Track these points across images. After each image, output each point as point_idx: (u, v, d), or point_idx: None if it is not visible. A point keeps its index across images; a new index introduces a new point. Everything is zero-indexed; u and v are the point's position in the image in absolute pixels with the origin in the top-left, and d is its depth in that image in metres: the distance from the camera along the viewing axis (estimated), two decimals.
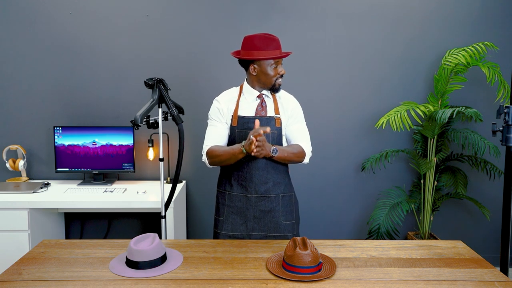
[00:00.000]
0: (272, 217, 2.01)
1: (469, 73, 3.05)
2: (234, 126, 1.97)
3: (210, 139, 2.00)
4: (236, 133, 1.97)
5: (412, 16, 3.13)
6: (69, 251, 1.75)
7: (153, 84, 2.19)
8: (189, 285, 1.47)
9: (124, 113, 3.17)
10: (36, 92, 3.16)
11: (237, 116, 1.97)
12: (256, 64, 1.94)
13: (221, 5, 3.10)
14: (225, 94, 2.06)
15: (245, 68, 2.01)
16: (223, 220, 2.03)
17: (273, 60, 1.92)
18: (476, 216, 3.32)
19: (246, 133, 1.94)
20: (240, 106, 2.00)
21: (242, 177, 1.99)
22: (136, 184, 3.11)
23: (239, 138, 1.96)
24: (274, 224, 2.01)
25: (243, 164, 1.97)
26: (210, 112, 2.04)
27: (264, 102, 2.01)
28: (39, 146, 3.20)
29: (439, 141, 3.11)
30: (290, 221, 2.05)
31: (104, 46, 3.13)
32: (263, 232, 2.01)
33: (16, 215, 2.68)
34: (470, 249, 1.81)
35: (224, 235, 2.02)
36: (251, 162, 1.96)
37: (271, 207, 2.00)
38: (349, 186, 3.31)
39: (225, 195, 2.05)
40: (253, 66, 1.95)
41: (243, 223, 2.01)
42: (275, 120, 1.98)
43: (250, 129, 1.94)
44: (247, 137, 1.89)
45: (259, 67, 1.94)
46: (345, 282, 1.50)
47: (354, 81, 3.20)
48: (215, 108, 2.02)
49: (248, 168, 1.97)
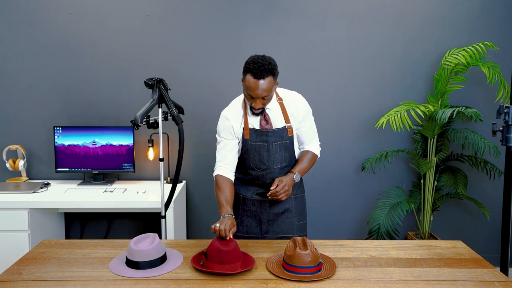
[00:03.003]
0: (285, 218, 2.02)
1: (469, 73, 3.05)
2: (247, 139, 1.92)
3: (221, 156, 1.93)
4: (249, 145, 1.93)
5: (412, 16, 3.13)
6: (69, 251, 1.75)
7: (153, 84, 2.19)
8: (189, 285, 1.47)
9: (124, 113, 3.17)
10: (36, 92, 3.16)
11: (248, 129, 1.91)
12: (243, 81, 1.82)
13: (221, 5, 3.10)
14: (233, 110, 1.95)
15: None
16: (238, 223, 2.03)
17: None
18: (476, 216, 3.32)
19: (259, 145, 1.91)
20: (249, 119, 1.93)
21: (257, 183, 2.00)
22: (136, 184, 3.11)
23: (253, 149, 1.93)
24: (288, 225, 2.02)
25: (258, 170, 1.97)
26: (219, 128, 1.95)
27: (266, 115, 1.92)
28: (39, 146, 3.20)
29: (439, 141, 3.11)
30: (302, 221, 2.07)
31: (104, 46, 3.13)
32: (278, 233, 2.02)
33: (16, 215, 2.68)
34: (470, 249, 1.81)
35: (238, 236, 2.02)
36: (266, 170, 1.96)
37: (284, 209, 2.01)
38: (349, 186, 3.31)
39: (239, 198, 2.04)
40: (242, 79, 1.83)
41: (257, 225, 2.02)
42: (287, 130, 1.94)
43: (263, 141, 1.91)
44: (261, 147, 1.91)
45: (243, 86, 1.82)
46: (345, 282, 1.50)
47: (354, 81, 3.20)
48: (224, 126, 1.93)
49: (263, 174, 1.97)
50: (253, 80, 1.73)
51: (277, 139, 1.92)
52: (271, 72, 1.75)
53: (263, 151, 1.92)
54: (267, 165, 1.94)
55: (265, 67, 1.72)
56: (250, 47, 3.11)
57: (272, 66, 1.76)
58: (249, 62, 1.75)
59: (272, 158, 1.93)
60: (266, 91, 1.75)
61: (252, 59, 1.76)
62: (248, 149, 1.94)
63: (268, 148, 1.91)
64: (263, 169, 1.95)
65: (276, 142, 1.91)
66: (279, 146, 1.93)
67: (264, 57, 1.77)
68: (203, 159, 3.24)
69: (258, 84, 1.73)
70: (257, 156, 1.93)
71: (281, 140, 1.92)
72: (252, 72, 1.72)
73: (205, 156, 3.23)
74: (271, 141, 1.91)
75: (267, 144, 1.91)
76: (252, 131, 1.91)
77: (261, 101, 1.78)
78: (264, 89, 1.74)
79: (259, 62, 1.73)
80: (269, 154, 1.92)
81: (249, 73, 1.74)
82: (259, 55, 1.78)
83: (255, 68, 1.72)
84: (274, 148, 1.92)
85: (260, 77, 1.72)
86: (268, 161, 1.93)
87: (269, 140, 1.91)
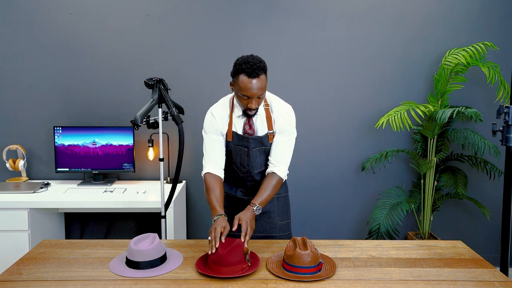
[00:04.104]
0: (268, 218, 2.01)
1: (469, 73, 3.05)
2: (230, 141, 1.93)
3: (209, 154, 1.92)
4: (232, 147, 1.94)
5: (412, 16, 3.13)
6: (69, 251, 1.75)
7: (153, 84, 2.19)
8: (189, 285, 1.47)
9: (124, 113, 3.17)
10: (36, 92, 3.16)
11: (231, 132, 1.92)
12: (234, 84, 1.79)
13: (221, 5, 3.10)
14: (219, 108, 1.94)
15: None
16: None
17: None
18: (476, 216, 3.32)
19: (240, 149, 1.92)
20: (234, 121, 1.92)
21: (240, 182, 2.01)
22: (136, 184, 3.11)
23: (235, 151, 1.94)
24: (270, 224, 2.02)
25: (239, 172, 1.98)
26: (205, 124, 1.94)
27: (251, 120, 1.90)
28: (39, 146, 3.20)
29: (439, 141, 3.11)
30: (285, 221, 2.06)
31: (104, 46, 3.13)
32: (259, 232, 2.02)
33: (16, 215, 2.68)
34: (470, 249, 1.81)
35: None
36: (246, 173, 1.97)
37: (266, 209, 2.01)
38: (349, 186, 3.31)
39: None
40: (232, 83, 1.81)
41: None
42: (269, 137, 1.92)
43: (244, 146, 1.91)
44: (242, 151, 1.91)
45: (235, 88, 1.79)
46: (345, 282, 1.50)
47: (354, 81, 3.20)
48: (209, 122, 1.93)
49: (244, 176, 1.98)
50: (248, 79, 1.72)
51: (257, 145, 1.92)
52: (264, 70, 1.76)
53: (243, 155, 1.93)
54: (247, 168, 1.96)
55: (258, 65, 1.72)
56: (250, 47, 3.11)
57: (264, 64, 1.76)
58: (240, 63, 1.74)
59: (252, 162, 1.94)
60: (261, 89, 1.75)
61: (242, 59, 1.76)
62: (230, 150, 1.95)
63: (249, 153, 1.92)
64: (244, 171, 1.97)
65: (256, 148, 1.92)
66: (259, 151, 1.93)
67: (253, 56, 1.77)
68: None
69: (254, 82, 1.72)
70: (239, 159, 1.95)
71: (261, 146, 1.93)
72: (245, 72, 1.72)
73: None
74: (251, 146, 1.91)
75: (247, 149, 1.92)
76: (235, 134, 1.92)
77: (257, 100, 1.78)
78: (259, 87, 1.74)
79: (251, 61, 1.72)
80: (249, 159, 1.93)
81: (243, 73, 1.73)
82: (247, 55, 1.78)
83: (248, 67, 1.71)
84: (254, 154, 1.93)
85: (254, 75, 1.72)
86: (248, 165, 1.95)
87: (249, 146, 1.91)
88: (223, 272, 1.51)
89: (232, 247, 1.55)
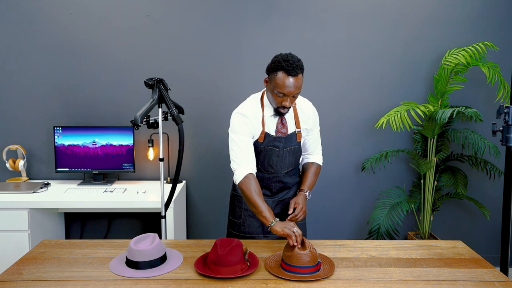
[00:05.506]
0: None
1: (469, 73, 3.05)
2: (260, 142, 1.91)
3: (245, 155, 1.84)
4: (261, 148, 1.92)
5: (412, 16, 3.13)
6: (69, 251, 1.75)
7: (153, 84, 2.19)
8: (189, 285, 1.47)
9: (124, 113, 3.17)
10: (36, 92, 3.16)
11: (264, 132, 1.90)
12: (269, 80, 1.81)
13: (221, 5, 3.10)
14: (250, 109, 1.89)
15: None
16: (240, 223, 2.04)
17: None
18: (476, 216, 3.32)
19: (270, 149, 1.92)
20: (266, 121, 1.90)
21: (266, 183, 2.01)
22: (136, 184, 3.11)
23: (264, 152, 1.93)
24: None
25: (265, 173, 1.98)
26: (236, 125, 1.87)
27: (284, 119, 1.91)
28: (39, 146, 3.20)
29: (439, 141, 3.11)
30: (303, 221, 2.09)
31: (104, 46, 3.13)
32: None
33: (16, 215, 2.68)
34: (470, 249, 1.81)
35: (241, 236, 2.03)
36: (273, 173, 1.97)
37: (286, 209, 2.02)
38: (349, 186, 3.31)
39: (241, 199, 2.04)
40: (267, 79, 1.83)
41: (260, 225, 2.02)
42: (297, 135, 1.95)
43: (275, 146, 1.91)
44: (272, 151, 1.91)
45: (270, 85, 1.80)
46: (345, 282, 1.50)
47: (354, 81, 3.20)
48: (243, 124, 1.86)
49: (270, 177, 1.99)
50: (286, 77, 1.73)
51: (288, 145, 1.93)
52: (302, 70, 1.77)
53: (273, 155, 1.93)
54: (275, 169, 1.96)
55: (297, 64, 1.74)
56: (250, 47, 3.11)
57: (302, 63, 1.78)
58: (280, 61, 1.74)
59: (281, 163, 1.95)
60: (298, 88, 1.76)
61: (281, 57, 1.76)
62: (259, 151, 1.93)
63: (279, 153, 1.93)
64: (271, 172, 1.97)
65: (286, 147, 1.93)
66: (288, 151, 1.94)
67: (292, 54, 1.78)
68: (203, 159, 3.24)
69: (292, 81, 1.73)
70: (267, 160, 1.94)
71: (291, 146, 1.94)
72: (285, 69, 1.72)
73: (205, 156, 3.24)
74: (282, 146, 1.92)
75: (278, 149, 1.92)
76: (267, 135, 1.90)
77: (291, 98, 1.79)
78: (297, 86, 1.75)
79: (290, 60, 1.73)
80: (279, 159, 1.94)
81: (282, 70, 1.73)
82: (286, 53, 1.79)
83: (288, 65, 1.72)
84: (284, 154, 1.94)
85: (294, 74, 1.73)
86: (276, 165, 1.95)
87: (280, 146, 1.92)
88: (223, 273, 1.51)
89: (231, 247, 1.55)
